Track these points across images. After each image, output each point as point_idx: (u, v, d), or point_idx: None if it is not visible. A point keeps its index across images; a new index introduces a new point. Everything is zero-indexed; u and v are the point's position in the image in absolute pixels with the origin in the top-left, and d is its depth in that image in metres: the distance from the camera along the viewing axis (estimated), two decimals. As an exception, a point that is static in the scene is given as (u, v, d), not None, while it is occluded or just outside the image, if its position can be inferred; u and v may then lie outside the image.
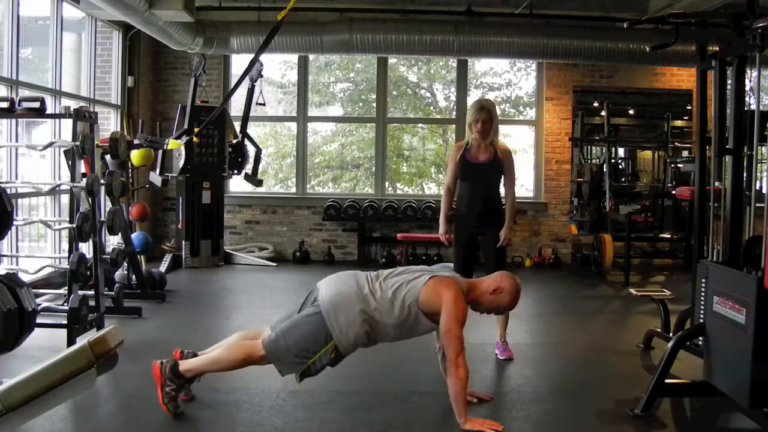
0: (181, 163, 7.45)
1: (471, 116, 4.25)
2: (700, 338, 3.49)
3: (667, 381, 3.36)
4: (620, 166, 8.73)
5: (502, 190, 4.40)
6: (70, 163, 4.57)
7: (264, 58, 7.91)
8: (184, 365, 3.23)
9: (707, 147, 3.66)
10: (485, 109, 4.22)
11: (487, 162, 4.26)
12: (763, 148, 5.82)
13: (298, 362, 3.13)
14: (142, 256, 6.40)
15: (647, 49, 7.14)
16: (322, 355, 3.13)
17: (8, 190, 4.10)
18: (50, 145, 4.64)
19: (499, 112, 4.48)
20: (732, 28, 3.35)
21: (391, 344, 4.25)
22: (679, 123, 8.65)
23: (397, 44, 7.62)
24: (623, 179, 8.58)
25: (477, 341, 4.59)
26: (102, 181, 4.75)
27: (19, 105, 4.25)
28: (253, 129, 8.31)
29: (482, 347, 4.50)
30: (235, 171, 7.98)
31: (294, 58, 8.82)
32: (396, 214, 8.28)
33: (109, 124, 7.80)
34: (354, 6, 7.80)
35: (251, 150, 8.08)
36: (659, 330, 4.49)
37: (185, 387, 3.29)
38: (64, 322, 4.28)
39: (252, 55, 6.39)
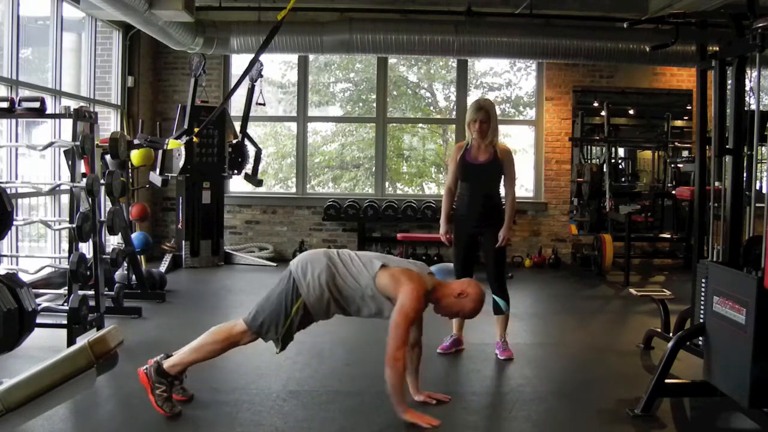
0: (181, 163, 7.45)
1: (469, 116, 4.26)
2: (700, 338, 3.49)
3: (667, 381, 3.36)
4: (620, 166, 8.73)
5: (502, 191, 4.40)
6: (70, 163, 4.58)
7: (264, 58, 7.91)
8: (168, 362, 3.23)
9: (707, 147, 3.66)
10: (483, 109, 4.21)
11: (486, 162, 4.26)
12: (763, 148, 5.82)
13: (278, 326, 3.19)
14: (142, 256, 6.40)
15: (647, 49, 7.14)
16: (294, 313, 3.18)
17: (8, 190, 4.10)
18: (50, 145, 4.64)
19: (499, 112, 4.47)
20: (732, 28, 3.35)
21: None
22: (679, 123, 8.65)
23: (397, 44, 7.62)
24: (623, 179, 8.58)
25: (477, 341, 4.60)
26: (102, 181, 4.75)
27: (19, 105, 4.24)
28: (253, 129, 8.31)
29: (482, 347, 4.50)
30: (235, 171, 7.98)
31: (294, 58, 8.82)
32: (396, 214, 8.28)
33: (109, 124, 7.80)
34: (354, 6, 7.80)
35: (251, 150, 8.08)
36: (659, 330, 4.49)
37: (175, 385, 3.28)
38: (64, 322, 4.28)
39: (252, 55, 6.39)
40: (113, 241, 6.31)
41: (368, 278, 3.18)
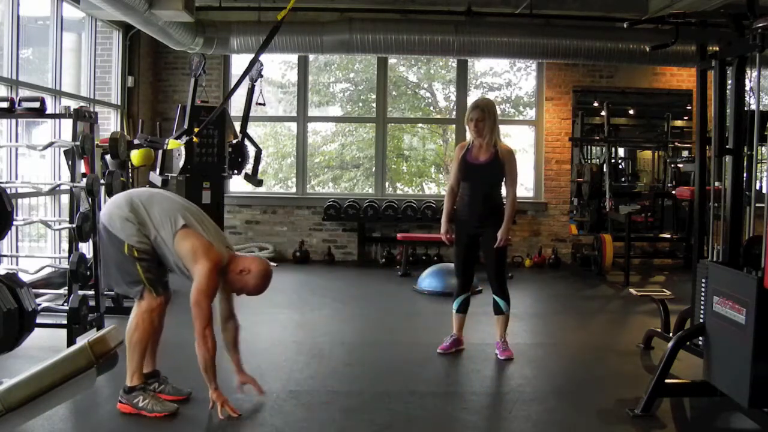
0: (181, 163, 7.44)
1: (466, 116, 4.29)
2: (700, 338, 3.49)
3: (667, 381, 3.36)
4: (620, 166, 8.73)
5: (504, 191, 4.40)
6: (70, 163, 4.58)
7: (264, 58, 7.91)
8: (127, 379, 3.24)
9: (707, 147, 3.66)
10: (478, 107, 4.22)
11: (487, 162, 4.26)
12: (763, 148, 5.82)
13: (134, 274, 3.21)
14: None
15: (647, 49, 7.13)
16: (129, 253, 3.17)
17: (8, 190, 4.10)
18: (50, 145, 4.65)
19: (499, 112, 4.47)
20: (732, 28, 3.35)
21: (390, 344, 4.24)
22: (679, 123, 8.65)
23: (397, 44, 7.61)
24: (623, 179, 8.58)
25: (477, 341, 4.60)
26: (102, 181, 4.75)
27: (19, 105, 4.25)
28: (253, 129, 8.30)
29: (482, 347, 4.50)
30: (235, 171, 7.96)
31: (294, 58, 8.82)
32: (396, 214, 8.28)
33: (109, 124, 7.80)
34: (354, 6, 7.80)
35: (251, 150, 8.07)
36: (659, 330, 4.49)
37: (152, 386, 3.31)
38: (64, 322, 4.28)
39: (252, 55, 6.39)
40: (113, 241, 6.30)
41: (169, 235, 3.19)
